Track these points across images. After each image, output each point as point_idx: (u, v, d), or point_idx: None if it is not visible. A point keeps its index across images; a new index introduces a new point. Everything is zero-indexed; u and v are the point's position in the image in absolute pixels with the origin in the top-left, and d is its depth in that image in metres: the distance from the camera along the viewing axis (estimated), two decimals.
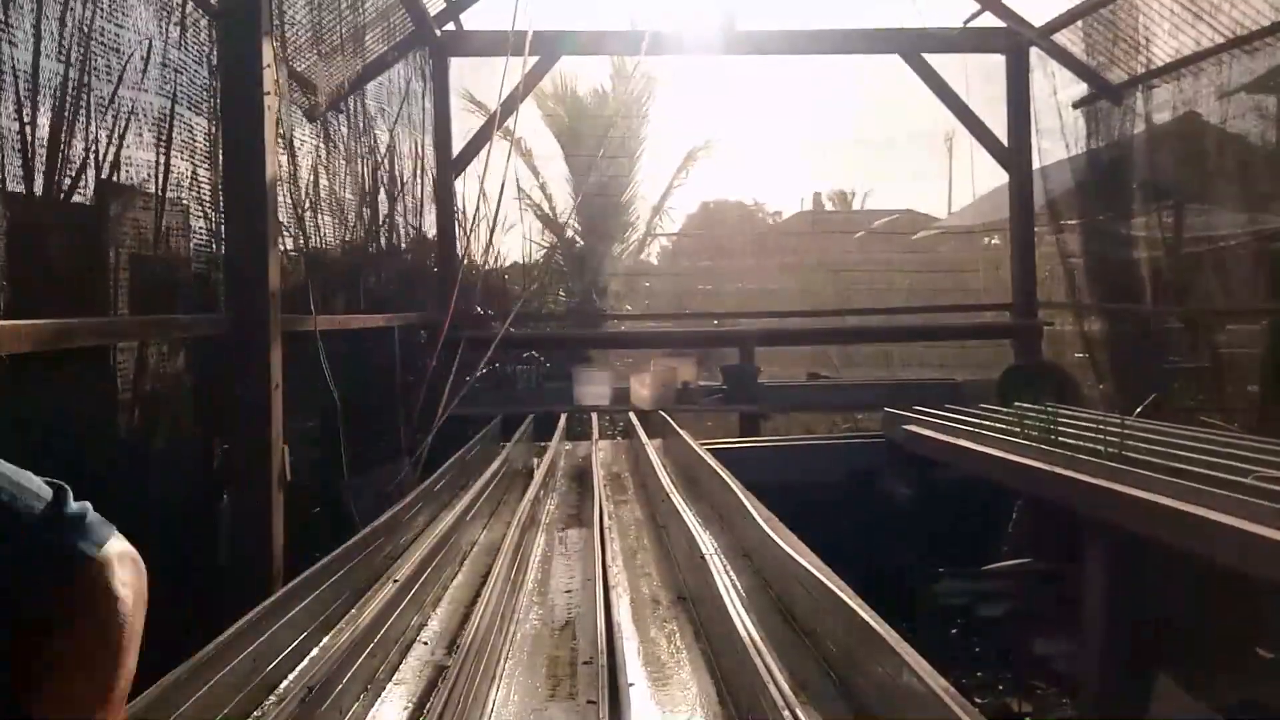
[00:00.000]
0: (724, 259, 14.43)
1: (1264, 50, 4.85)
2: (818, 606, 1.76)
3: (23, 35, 2.21)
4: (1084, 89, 6.33)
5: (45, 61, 2.28)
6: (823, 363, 8.93)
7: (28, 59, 2.22)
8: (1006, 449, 3.91)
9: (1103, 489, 3.06)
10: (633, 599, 2.19)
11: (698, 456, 3.60)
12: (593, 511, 2.94)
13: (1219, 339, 5.54)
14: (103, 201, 2.55)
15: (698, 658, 1.80)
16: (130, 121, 2.65)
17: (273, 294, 2.92)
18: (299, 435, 3.47)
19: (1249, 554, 2.39)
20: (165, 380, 2.86)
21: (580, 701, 1.58)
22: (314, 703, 1.40)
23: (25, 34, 2.22)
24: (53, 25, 2.32)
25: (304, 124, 4.07)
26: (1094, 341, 6.48)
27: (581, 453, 4.63)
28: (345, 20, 4.50)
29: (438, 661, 1.81)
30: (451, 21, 6.26)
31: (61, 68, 2.35)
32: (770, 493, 2.88)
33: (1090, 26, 6.03)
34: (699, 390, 6.58)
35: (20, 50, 2.19)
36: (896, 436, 4.95)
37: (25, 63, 2.21)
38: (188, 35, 2.97)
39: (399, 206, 5.53)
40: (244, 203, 2.94)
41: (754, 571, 2.24)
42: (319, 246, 4.19)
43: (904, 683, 1.34)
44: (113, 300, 2.57)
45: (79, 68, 2.41)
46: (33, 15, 2.24)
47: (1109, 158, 6.21)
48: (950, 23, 6.57)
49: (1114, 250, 6.21)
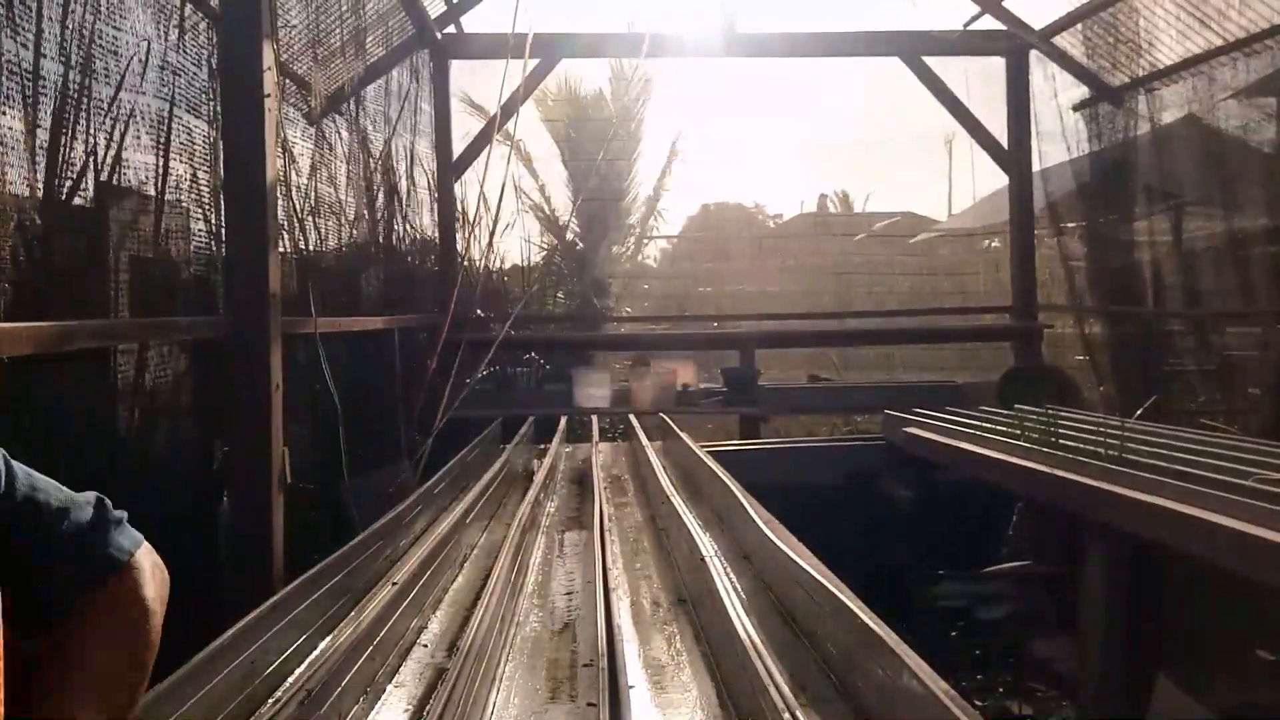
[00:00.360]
0: (724, 261, 14.41)
1: (1264, 53, 4.86)
2: (818, 609, 1.75)
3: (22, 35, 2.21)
4: (1084, 91, 6.34)
5: (44, 63, 2.28)
6: (823, 365, 8.93)
7: (29, 59, 2.23)
8: (1007, 451, 3.91)
9: (1103, 491, 3.05)
10: (633, 601, 2.19)
11: (698, 459, 3.60)
12: (593, 514, 2.94)
13: (1219, 341, 5.54)
14: (101, 204, 2.55)
15: (698, 660, 1.80)
16: (129, 124, 2.65)
17: (273, 296, 2.92)
18: (299, 437, 3.47)
19: (1249, 556, 2.38)
20: (165, 381, 2.86)
21: (580, 704, 1.58)
22: (313, 705, 1.40)
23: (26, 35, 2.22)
24: (55, 27, 2.32)
25: (304, 127, 4.08)
26: (1094, 344, 6.48)
27: (581, 455, 4.63)
28: (345, 23, 4.50)
29: (438, 664, 1.80)
30: (452, 24, 6.27)
31: (60, 68, 2.35)
32: (770, 495, 2.87)
33: (1090, 29, 6.04)
34: (699, 392, 6.58)
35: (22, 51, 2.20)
36: (897, 439, 4.95)
37: (28, 62, 2.22)
38: (187, 38, 2.97)
39: (399, 209, 5.53)
40: (244, 205, 2.94)
41: (754, 574, 2.23)
42: (319, 249, 4.20)
43: (904, 685, 1.34)
44: (113, 302, 2.57)
45: (80, 69, 2.41)
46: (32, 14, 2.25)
47: (1109, 160, 6.21)
48: (950, 25, 6.57)
49: (1114, 253, 6.21)
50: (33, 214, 2.24)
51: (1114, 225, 6.21)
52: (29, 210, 2.23)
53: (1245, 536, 2.40)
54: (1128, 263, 6.07)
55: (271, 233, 2.99)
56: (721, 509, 2.93)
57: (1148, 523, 2.81)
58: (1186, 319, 5.69)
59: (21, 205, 2.20)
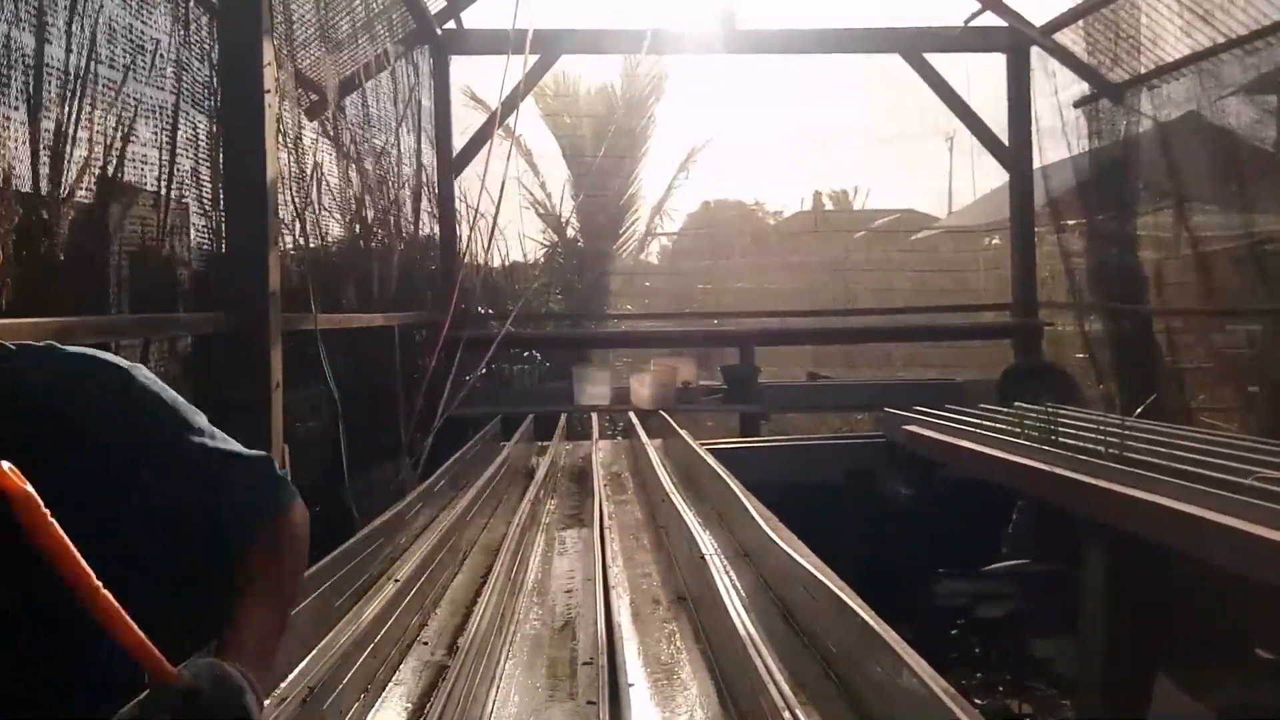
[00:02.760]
0: (724, 258, 14.41)
1: (1265, 50, 4.85)
2: (818, 607, 1.75)
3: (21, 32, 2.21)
4: (1085, 88, 6.33)
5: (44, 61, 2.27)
6: (823, 362, 8.93)
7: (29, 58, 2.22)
8: (1007, 449, 3.91)
9: (1103, 489, 3.05)
10: (633, 599, 2.19)
11: (698, 457, 3.59)
12: (593, 511, 2.94)
13: (1219, 339, 5.54)
14: (101, 199, 2.55)
15: (698, 658, 1.80)
16: (130, 119, 2.65)
17: (273, 293, 2.92)
18: (299, 434, 3.47)
19: (1249, 555, 2.38)
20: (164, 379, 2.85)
21: (580, 702, 1.58)
22: (314, 703, 1.40)
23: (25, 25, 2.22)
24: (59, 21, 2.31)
25: (304, 122, 4.07)
26: (1094, 342, 6.48)
27: (582, 453, 4.63)
28: (346, 18, 4.49)
29: (438, 662, 1.80)
30: (452, 20, 6.26)
31: (60, 67, 2.34)
32: (770, 493, 2.87)
33: (1091, 26, 6.03)
34: (699, 390, 6.58)
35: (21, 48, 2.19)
36: (896, 436, 4.94)
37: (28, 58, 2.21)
38: (188, 32, 2.97)
39: (399, 205, 5.53)
40: (244, 201, 2.94)
41: (754, 572, 2.23)
42: (319, 245, 4.19)
43: (904, 683, 1.34)
44: (114, 298, 2.57)
45: (81, 65, 2.41)
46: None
47: (1109, 157, 6.20)
48: (951, 22, 6.56)
49: (1114, 250, 6.21)
50: (32, 208, 2.24)
51: (1114, 222, 6.21)
52: (29, 204, 2.23)
53: (1245, 536, 2.40)
54: (1128, 260, 6.06)
55: (272, 229, 2.99)
56: (721, 507, 2.93)
57: (1148, 521, 2.81)
58: (1187, 316, 5.69)
59: (21, 199, 2.20)
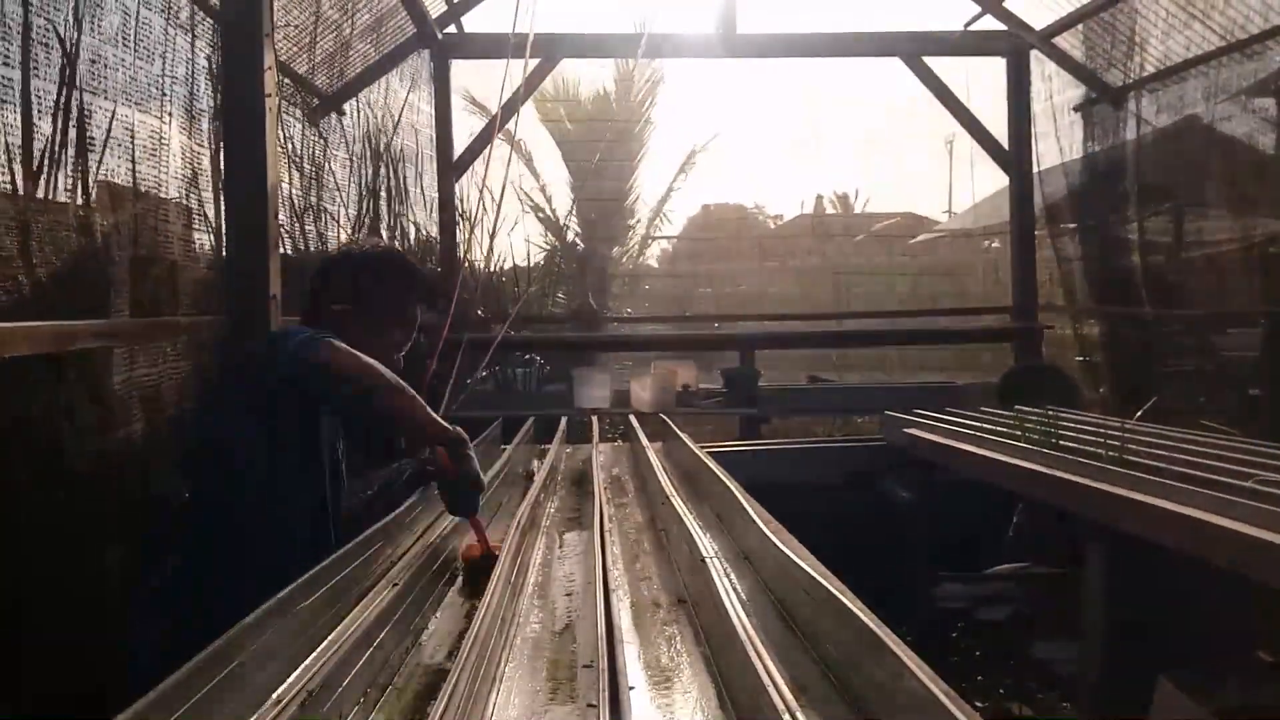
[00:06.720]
0: (724, 262, 14.42)
1: (1264, 54, 4.86)
2: (818, 610, 1.75)
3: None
4: (1084, 92, 6.34)
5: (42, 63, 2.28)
6: (823, 366, 8.93)
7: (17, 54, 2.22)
8: (1007, 452, 3.90)
9: (1103, 492, 3.05)
10: (633, 602, 2.18)
11: (698, 459, 3.59)
12: (593, 514, 2.94)
13: (1219, 342, 5.54)
14: (99, 202, 2.55)
15: (698, 661, 1.79)
16: (129, 121, 2.65)
17: (273, 296, 2.92)
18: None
19: (1250, 557, 2.38)
20: (164, 380, 2.86)
21: (581, 705, 1.57)
22: (313, 707, 1.39)
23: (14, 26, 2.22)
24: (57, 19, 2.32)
25: (304, 126, 4.07)
26: (1094, 345, 6.48)
27: (582, 455, 4.62)
28: (346, 22, 4.50)
29: (438, 665, 1.80)
30: (453, 24, 6.27)
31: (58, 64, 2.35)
32: (770, 495, 2.87)
33: (1091, 30, 6.04)
34: (699, 393, 6.58)
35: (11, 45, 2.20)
36: (897, 439, 4.94)
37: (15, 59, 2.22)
38: (188, 36, 2.97)
39: (399, 209, 5.53)
40: (245, 205, 2.94)
41: (754, 575, 2.23)
42: (320, 249, 4.19)
43: (904, 686, 1.33)
44: (111, 302, 2.57)
45: (79, 64, 2.41)
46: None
47: (1109, 161, 6.21)
48: (950, 26, 6.57)
49: (1114, 253, 6.21)
50: (25, 211, 2.24)
51: (1114, 226, 6.21)
52: (21, 207, 2.23)
53: (1245, 537, 2.40)
54: (1127, 263, 6.07)
55: (272, 233, 2.99)
56: (721, 509, 2.93)
57: (1148, 524, 2.81)
58: (1186, 320, 5.69)
59: (12, 202, 2.20)
